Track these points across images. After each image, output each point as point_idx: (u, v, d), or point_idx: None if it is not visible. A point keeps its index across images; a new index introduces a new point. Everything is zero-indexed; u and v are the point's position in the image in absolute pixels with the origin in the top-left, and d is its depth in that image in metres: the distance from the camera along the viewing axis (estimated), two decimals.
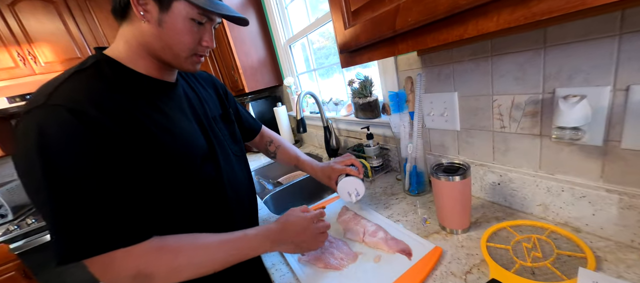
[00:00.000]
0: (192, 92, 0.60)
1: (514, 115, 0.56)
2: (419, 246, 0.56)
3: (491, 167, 0.64)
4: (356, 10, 0.46)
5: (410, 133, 0.72)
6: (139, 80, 0.50)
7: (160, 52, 0.49)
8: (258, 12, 1.59)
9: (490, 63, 0.57)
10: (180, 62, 0.51)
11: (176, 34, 0.47)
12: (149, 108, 0.48)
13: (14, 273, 1.51)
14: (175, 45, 0.48)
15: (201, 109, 0.60)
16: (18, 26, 1.60)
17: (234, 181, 0.63)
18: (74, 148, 0.38)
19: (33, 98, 0.41)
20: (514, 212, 0.61)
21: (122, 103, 0.45)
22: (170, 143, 0.48)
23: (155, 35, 0.47)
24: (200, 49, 0.51)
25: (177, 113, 0.53)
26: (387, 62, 0.85)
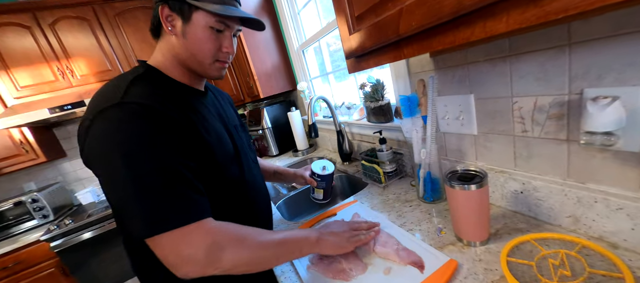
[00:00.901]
0: (217, 103, 0.66)
1: (537, 119, 0.52)
2: (432, 258, 0.54)
3: (513, 174, 0.60)
4: (360, 16, 0.45)
5: (424, 138, 0.69)
6: (179, 86, 0.56)
7: (188, 60, 0.54)
8: (272, 19, 1.63)
9: (508, 63, 0.53)
10: (205, 68, 0.56)
11: (198, 42, 0.52)
12: (192, 111, 0.53)
13: (53, 270, 1.64)
14: (198, 53, 0.53)
15: (226, 117, 0.65)
16: (57, 43, 1.76)
17: (254, 184, 0.66)
18: (152, 136, 0.44)
19: (102, 100, 0.45)
20: (539, 224, 0.56)
21: (177, 103, 0.50)
22: (211, 142, 0.53)
23: (182, 46, 0.53)
24: (222, 55, 0.56)
25: (210, 117, 0.58)
26: (399, 64, 0.82)
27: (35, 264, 1.61)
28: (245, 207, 0.63)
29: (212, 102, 0.63)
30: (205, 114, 0.56)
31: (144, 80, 0.50)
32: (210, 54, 0.54)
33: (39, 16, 1.69)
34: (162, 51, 0.55)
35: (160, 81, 0.53)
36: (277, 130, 1.76)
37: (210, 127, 0.55)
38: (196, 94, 0.58)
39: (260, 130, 1.76)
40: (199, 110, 0.55)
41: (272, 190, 1.40)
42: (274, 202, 1.07)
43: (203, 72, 0.56)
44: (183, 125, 0.48)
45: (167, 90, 0.52)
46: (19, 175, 1.94)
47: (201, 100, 0.59)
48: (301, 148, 1.64)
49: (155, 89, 0.50)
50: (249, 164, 0.67)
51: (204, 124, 0.54)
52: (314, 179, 0.85)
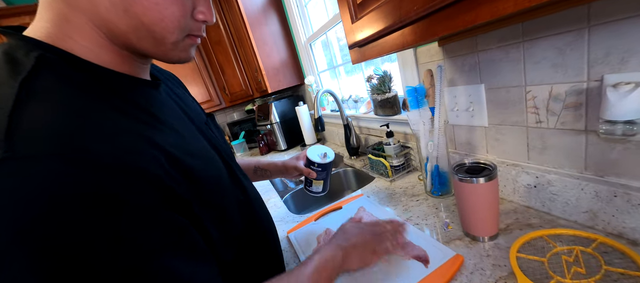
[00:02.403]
0: (173, 94, 0.43)
1: (552, 108, 0.49)
2: (438, 253, 0.52)
3: (525, 167, 0.57)
4: (362, 2, 0.44)
5: (431, 130, 0.67)
6: (117, 82, 0.30)
7: (132, 35, 0.29)
8: (279, 13, 1.62)
9: (521, 49, 0.50)
10: (165, 50, 0.32)
11: (154, 3, 0.28)
12: (148, 123, 0.31)
13: None
14: (155, 22, 0.29)
15: (192, 113, 0.43)
16: None
17: (254, 193, 0.50)
18: (97, 225, 0.22)
19: None
20: (553, 219, 0.53)
21: (129, 128, 0.28)
22: (202, 172, 0.34)
23: (118, 6, 0.27)
24: (194, 25, 0.33)
25: (183, 127, 0.37)
26: (406, 55, 0.80)
27: None
28: (256, 231, 0.46)
29: (168, 95, 0.40)
30: (173, 123, 0.35)
31: (44, 82, 0.25)
32: (177, 25, 0.30)
33: None
34: (62, 11, 0.27)
35: (78, 79, 0.27)
36: (285, 125, 1.77)
37: (192, 145, 0.35)
38: (146, 89, 0.34)
39: (269, 124, 1.77)
40: (164, 120, 0.33)
41: (280, 184, 1.41)
42: (281, 196, 1.08)
43: (162, 54, 0.32)
44: (159, 172, 0.27)
45: (99, 95, 0.28)
46: None
47: (156, 97, 0.36)
48: (309, 142, 1.64)
49: (76, 101, 0.26)
50: (241, 173, 0.49)
51: (183, 144, 0.33)
52: (312, 169, 0.69)
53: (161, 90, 0.38)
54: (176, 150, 0.31)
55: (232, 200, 0.41)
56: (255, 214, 0.47)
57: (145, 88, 0.34)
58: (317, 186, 0.74)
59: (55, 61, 0.26)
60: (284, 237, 0.75)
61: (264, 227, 0.50)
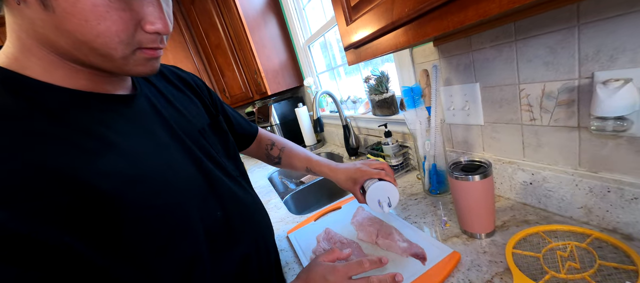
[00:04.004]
0: (163, 101, 0.42)
1: (546, 106, 0.50)
2: (435, 250, 0.53)
3: (521, 164, 0.58)
4: (356, 5, 0.45)
5: (428, 129, 0.68)
6: (60, 100, 0.30)
7: (76, 52, 0.28)
8: (278, 16, 1.63)
9: (514, 48, 0.51)
10: (117, 65, 0.30)
11: (83, 19, 0.26)
12: (78, 145, 0.29)
13: None
14: (92, 39, 0.27)
15: (180, 122, 0.41)
16: None
17: (246, 216, 0.46)
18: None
19: None
20: (549, 215, 0.54)
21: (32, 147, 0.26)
22: (128, 194, 0.30)
23: (49, 25, 0.27)
24: (145, 38, 0.30)
25: (142, 143, 0.34)
26: (402, 55, 0.81)
27: None
28: (233, 250, 0.43)
29: (149, 106, 0.39)
30: (123, 144, 0.32)
31: None
32: (118, 40, 0.28)
33: None
34: (17, 34, 0.28)
35: (23, 103, 0.28)
36: (285, 127, 1.78)
37: (136, 165, 0.32)
38: (105, 103, 0.33)
39: (269, 126, 1.78)
40: (105, 139, 0.31)
41: (280, 185, 1.42)
42: (281, 197, 1.09)
43: (117, 69, 0.31)
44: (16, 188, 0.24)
45: (31, 123, 0.27)
46: None
47: (119, 111, 0.34)
48: (309, 143, 1.65)
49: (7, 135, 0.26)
50: (232, 187, 0.45)
51: (115, 165, 0.30)
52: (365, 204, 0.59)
53: (135, 102, 0.37)
54: (88, 173, 0.28)
55: (201, 215, 0.38)
56: (235, 236, 0.43)
57: (101, 102, 0.33)
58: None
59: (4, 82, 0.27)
60: (284, 238, 0.76)
61: (247, 245, 0.45)
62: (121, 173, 0.30)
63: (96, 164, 0.29)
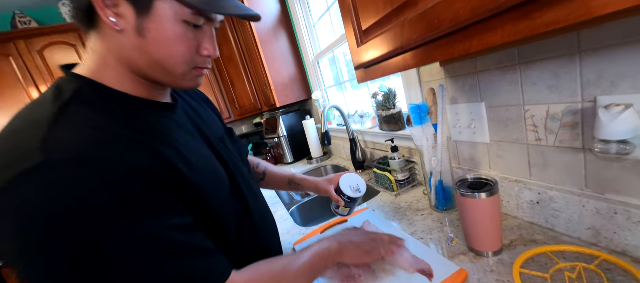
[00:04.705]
0: (192, 111, 0.49)
1: (551, 127, 0.51)
2: (442, 267, 0.53)
3: (528, 183, 0.58)
4: (367, 30, 0.48)
5: (434, 146, 0.69)
6: (133, 105, 0.38)
7: (148, 69, 0.36)
8: (288, 31, 1.70)
9: (518, 72, 0.53)
10: (175, 80, 0.38)
11: (165, 44, 0.35)
12: (162, 140, 0.37)
13: None
14: (165, 59, 0.36)
15: (207, 129, 0.49)
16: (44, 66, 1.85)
17: (257, 207, 0.54)
18: (111, 223, 0.28)
19: (8, 159, 0.27)
20: (557, 236, 0.54)
21: (138, 136, 0.34)
22: (198, 179, 0.38)
23: (136, 49, 0.35)
24: (200, 60, 0.39)
25: (189, 140, 0.42)
26: (410, 73, 0.84)
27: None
28: (253, 241, 0.51)
29: (185, 114, 0.46)
30: (180, 139, 0.40)
31: (76, 108, 0.32)
32: (183, 60, 0.37)
33: (83, 36, 1.88)
34: (101, 52, 0.36)
35: (103, 104, 0.34)
36: (293, 138, 1.81)
37: (192, 156, 0.40)
38: (161, 110, 0.41)
39: (277, 138, 1.81)
40: (170, 135, 0.39)
41: (286, 196, 1.43)
42: (287, 208, 1.10)
43: (173, 83, 0.39)
44: (157, 172, 0.33)
45: (117, 117, 0.34)
46: None
47: (171, 117, 0.42)
48: (315, 156, 1.67)
49: (99, 121, 0.32)
50: (248, 184, 0.53)
51: (183, 155, 0.38)
52: (341, 198, 0.71)
53: (177, 110, 0.45)
54: (176, 160, 0.36)
55: (230, 208, 0.45)
56: (256, 229, 0.51)
57: (158, 109, 0.41)
58: (343, 210, 0.74)
59: (88, 91, 0.34)
60: (290, 249, 0.77)
61: (263, 242, 0.53)
62: (182, 160, 0.37)
63: (181, 158, 0.37)
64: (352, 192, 0.70)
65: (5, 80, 1.76)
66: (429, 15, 0.33)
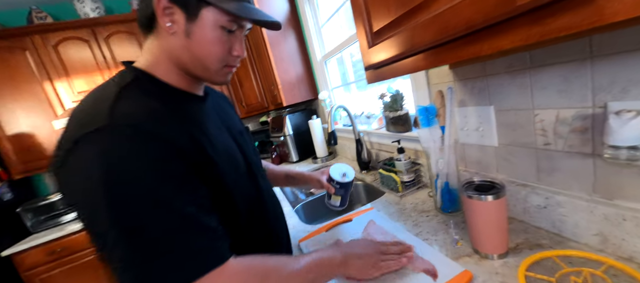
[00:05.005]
0: (218, 107, 0.57)
1: (560, 131, 0.51)
2: (446, 268, 0.54)
3: (535, 187, 0.58)
4: (378, 31, 0.49)
5: (441, 148, 0.70)
6: (176, 94, 0.47)
7: (190, 65, 0.45)
8: (297, 32, 1.71)
9: (528, 76, 0.53)
10: (210, 74, 0.47)
11: (205, 44, 0.44)
12: (195, 125, 0.45)
13: (92, 258, 1.81)
14: (205, 57, 0.45)
15: (230, 123, 0.57)
16: (110, 54, 1.99)
17: (268, 195, 0.60)
18: (152, 171, 0.36)
19: (83, 122, 0.37)
20: (563, 241, 0.54)
21: (177, 118, 0.42)
22: (220, 163, 0.45)
23: (183, 48, 0.44)
24: (231, 59, 0.48)
25: (214, 129, 0.50)
26: (418, 75, 0.84)
27: (79, 250, 1.78)
28: (267, 221, 0.57)
29: (213, 108, 0.54)
30: (208, 126, 0.47)
31: (134, 90, 0.41)
32: (218, 58, 0.46)
33: (96, 31, 1.94)
34: (155, 51, 0.45)
35: (154, 89, 0.44)
36: (298, 138, 1.82)
37: (217, 142, 0.47)
38: (196, 101, 0.50)
39: (282, 136, 1.83)
40: (202, 122, 0.47)
41: (291, 195, 1.44)
42: (292, 206, 1.11)
43: (208, 77, 0.48)
44: (187, 149, 0.40)
45: (163, 101, 0.43)
46: None
47: (202, 108, 0.50)
48: (320, 155, 1.68)
49: (150, 102, 0.41)
50: (261, 174, 0.60)
51: (210, 140, 0.45)
52: (331, 185, 0.78)
53: (207, 103, 0.53)
54: (205, 143, 0.44)
55: (243, 192, 0.51)
56: (265, 212, 0.57)
57: (194, 100, 0.50)
58: (335, 200, 0.80)
59: (142, 79, 0.44)
60: (295, 246, 0.78)
61: (271, 226, 0.58)
62: (215, 147, 0.46)
63: (207, 140, 0.45)
64: (340, 177, 0.77)
65: (21, 74, 1.81)
66: (441, 19, 0.34)
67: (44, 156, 1.90)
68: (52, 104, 1.89)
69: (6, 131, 1.81)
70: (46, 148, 1.90)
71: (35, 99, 1.86)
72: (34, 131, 1.87)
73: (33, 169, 1.89)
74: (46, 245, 1.71)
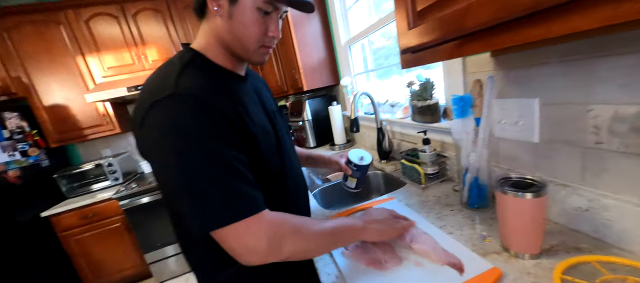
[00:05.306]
0: (257, 87, 0.64)
1: (616, 130, 0.47)
2: (473, 263, 0.52)
3: (577, 189, 0.54)
4: (422, 10, 0.45)
5: (474, 141, 0.66)
6: (223, 73, 0.54)
7: (232, 44, 0.51)
8: (322, 14, 1.66)
9: (587, 66, 0.48)
10: (249, 54, 0.52)
11: (244, 25, 0.49)
12: (237, 100, 0.51)
13: (119, 225, 1.94)
14: (243, 37, 0.50)
15: (266, 102, 0.63)
16: (137, 31, 2.03)
17: (292, 173, 0.65)
18: (207, 129, 0.44)
19: (154, 91, 0.46)
20: (605, 247, 0.51)
21: (224, 92, 0.50)
22: (256, 134, 0.52)
23: (226, 29, 0.50)
24: (267, 39, 0.52)
25: (252, 105, 0.56)
26: (452, 63, 0.79)
27: (107, 217, 1.91)
28: (286, 198, 0.62)
29: (252, 88, 0.61)
30: (248, 103, 0.54)
31: (192, 67, 0.50)
32: (255, 38, 0.50)
33: (125, 8, 1.98)
34: (206, 34, 0.53)
35: (207, 68, 0.52)
36: (317, 123, 1.81)
37: (254, 116, 0.53)
38: (239, 80, 0.57)
39: (301, 121, 1.82)
40: (242, 98, 0.53)
41: (307, 180, 1.45)
42: (310, 191, 1.12)
43: (247, 57, 0.53)
44: (232, 117, 0.47)
45: (214, 78, 0.51)
46: (99, 142, 2.31)
47: (243, 86, 0.57)
48: (338, 142, 1.67)
49: (203, 77, 0.49)
50: (289, 153, 0.65)
51: (250, 115, 0.52)
52: (349, 167, 0.84)
53: (247, 83, 0.60)
54: (244, 115, 0.51)
55: (272, 162, 0.57)
56: (287, 182, 0.62)
57: (237, 79, 0.57)
58: (351, 182, 0.86)
59: (197, 59, 0.52)
60: None
61: (292, 199, 0.64)
62: (253, 121, 0.53)
63: (247, 114, 0.52)
64: (357, 160, 0.82)
65: (56, 47, 1.90)
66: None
67: (77, 127, 2.02)
68: (84, 77, 1.98)
69: (44, 102, 1.92)
70: (79, 120, 2.01)
71: (69, 73, 1.95)
72: (68, 103, 1.97)
73: (67, 139, 2.02)
74: (79, 210, 1.84)
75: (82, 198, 1.90)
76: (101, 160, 2.04)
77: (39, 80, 1.90)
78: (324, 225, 0.53)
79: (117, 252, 1.99)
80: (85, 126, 2.04)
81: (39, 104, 1.91)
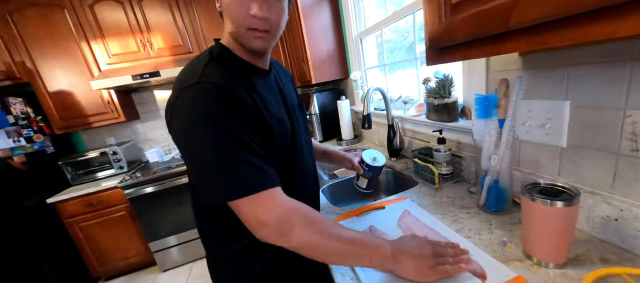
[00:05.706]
0: (280, 81, 0.66)
1: None
2: (495, 270, 0.50)
3: (607, 197, 0.52)
4: (458, 3, 0.42)
5: (497, 143, 0.64)
6: (244, 65, 0.57)
7: (233, 35, 0.54)
8: (333, 3, 1.61)
9: (627, 69, 0.45)
10: (244, 40, 0.53)
11: (230, 10, 0.51)
12: (255, 91, 0.54)
13: (124, 213, 1.94)
14: (233, 22, 0.52)
15: (287, 96, 0.65)
16: (142, 18, 1.99)
17: (303, 169, 0.66)
18: (223, 111, 0.48)
19: (183, 80, 0.51)
20: (634, 258, 0.49)
21: (243, 82, 0.53)
22: (271, 124, 0.54)
23: (227, 22, 0.54)
24: (250, 20, 0.50)
25: (271, 97, 0.59)
26: (475, 60, 0.76)
27: (112, 206, 1.91)
28: (293, 189, 0.60)
29: (274, 81, 0.63)
30: (266, 95, 0.57)
31: (217, 60, 0.54)
32: (240, 21, 0.51)
33: None
34: (225, 30, 0.57)
35: (229, 61, 0.55)
36: (324, 117, 1.78)
37: (271, 108, 0.56)
38: (259, 73, 0.59)
39: (308, 115, 1.80)
40: (261, 90, 0.56)
41: None
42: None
43: (246, 45, 0.54)
44: (248, 105, 0.50)
45: (234, 69, 0.54)
46: (103, 130, 2.29)
47: (264, 79, 0.59)
48: (346, 138, 1.64)
49: (225, 69, 0.53)
50: (302, 147, 0.66)
51: (266, 105, 0.55)
52: (361, 167, 0.84)
53: (270, 76, 0.62)
54: (261, 105, 0.54)
55: (284, 154, 0.59)
56: (296, 173, 0.63)
57: (257, 71, 0.59)
58: (362, 182, 0.86)
59: (223, 53, 0.56)
60: None
61: (299, 191, 0.62)
62: (266, 109, 0.55)
63: (265, 106, 0.55)
64: (370, 160, 0.83)
65: (60, 32, 1.86)
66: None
67: (82, 114, 2.00)
68: (89, 64, 1.95)
69: (48, 88, 1.90)
70: (84, 107, 1.99)
71: (73, 59, 1.92)
72: (73, 90, 1.95)
73: (72, 126, 2.00)
74: (85, 197, 1.84)
75: (87, 186, 1.90)
76: (106, 148, 2.03)
77: (43, 65, 1.87)
78: (343, 231, 0.51)
79: (121, 239, 2.00)
80: (90, 114, 2.02)
81: (44, 89, 1.89)
